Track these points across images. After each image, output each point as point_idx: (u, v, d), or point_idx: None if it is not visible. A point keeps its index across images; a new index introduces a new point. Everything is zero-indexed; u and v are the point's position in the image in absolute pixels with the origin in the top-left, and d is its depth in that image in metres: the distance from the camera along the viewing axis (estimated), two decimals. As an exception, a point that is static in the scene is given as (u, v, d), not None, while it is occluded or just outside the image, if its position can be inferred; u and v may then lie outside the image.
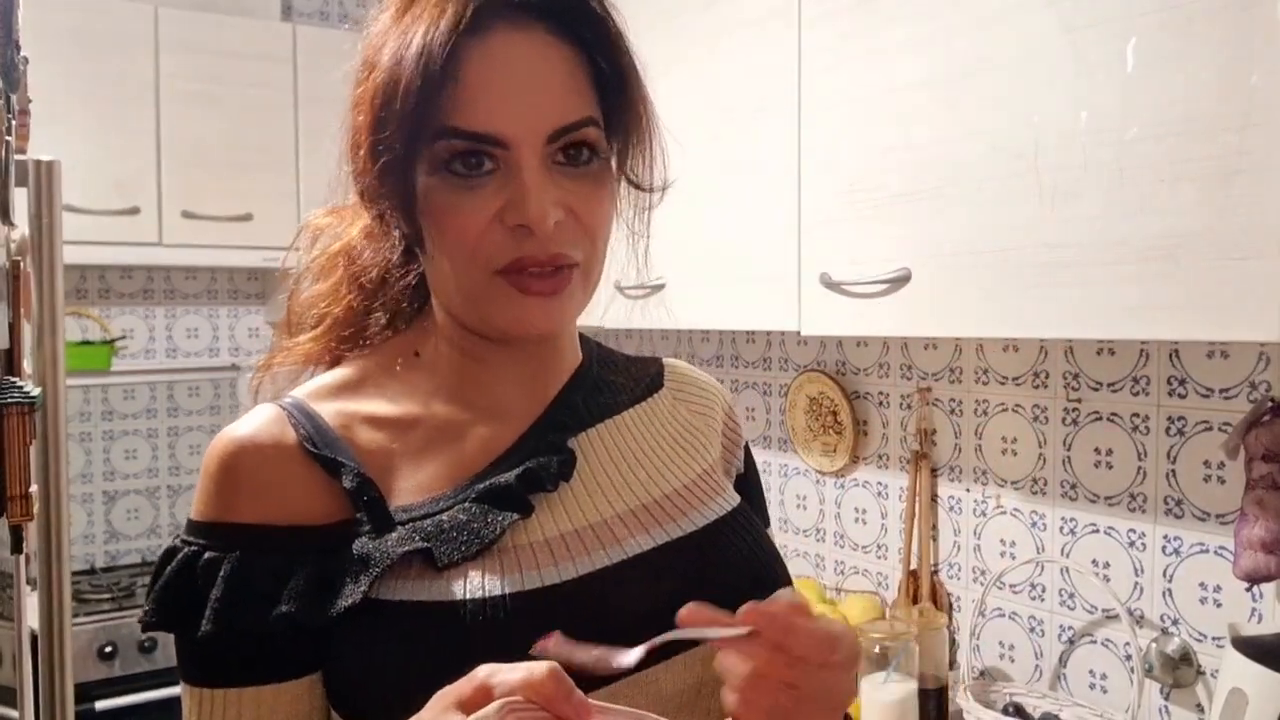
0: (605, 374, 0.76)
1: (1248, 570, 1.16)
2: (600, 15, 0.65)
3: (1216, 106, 0.90)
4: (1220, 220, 0.90)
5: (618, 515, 0.67)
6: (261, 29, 2.60)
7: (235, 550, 0.61)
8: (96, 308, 2.75)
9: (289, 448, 0.64)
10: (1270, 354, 1.21)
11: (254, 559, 0.61)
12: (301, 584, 0.60)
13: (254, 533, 0.62)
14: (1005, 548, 1.54)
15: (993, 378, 1.55)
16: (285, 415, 0.65)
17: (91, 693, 2.17)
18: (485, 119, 0.60)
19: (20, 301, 1.08)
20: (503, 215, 0.61)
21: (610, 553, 0.65)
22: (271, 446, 0.63)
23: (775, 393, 1.97)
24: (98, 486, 2.76)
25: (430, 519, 0.63)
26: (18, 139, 1.22)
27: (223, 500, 0.62)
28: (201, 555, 0.61)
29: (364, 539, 0.62)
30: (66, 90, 2.32)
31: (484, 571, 0.61)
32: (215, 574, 0.61)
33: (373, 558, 0.61)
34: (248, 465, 0.63)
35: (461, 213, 0.61)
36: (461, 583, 0.60)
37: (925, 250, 1.18)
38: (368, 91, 0.63)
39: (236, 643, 0.60)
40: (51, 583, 1.17)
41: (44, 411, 1.13)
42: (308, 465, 0.63)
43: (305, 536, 0.62)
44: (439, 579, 0.60)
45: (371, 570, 0.60)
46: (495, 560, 0.62)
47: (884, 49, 1.23)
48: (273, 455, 0.63)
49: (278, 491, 0.63)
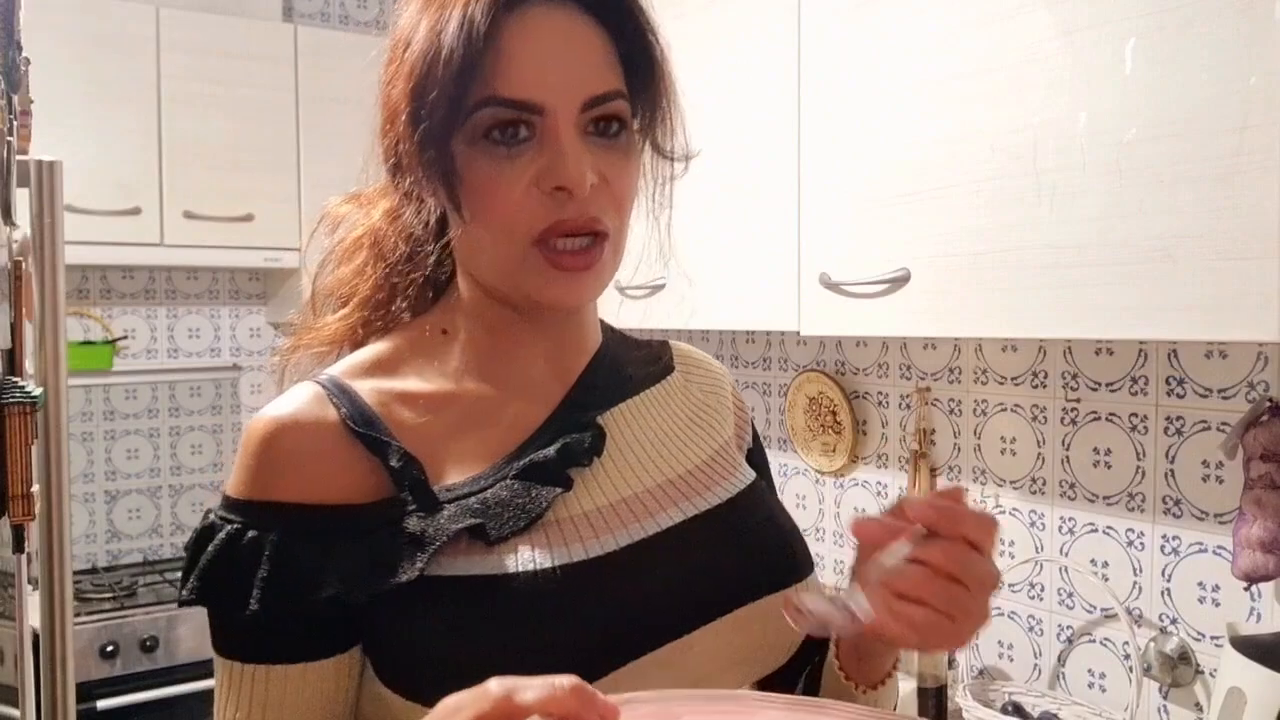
0: (622, 354, 0.78)
1: (1246, 570, 1.16)
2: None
3: (1215, 108, 0.90)
4: (1218, 221, 0.91)
5: (647, 490, 0.70)
6: (263, 30, 2.60)
7: (278, 529, 0.61)
8: (98, 308, 2.75)
9: (331, 426, 0.64)
10: (1268, 354, 1.22)
11: (298, 538, 0.61)
12: (349, 563, 0.61)
13: (297, 512, 0.62)
14: (1004, 547, 1.54)
15: (991, 378, 1.55)
16: (325, 394, 0.66)
17: (93, 692, 2.18)
18: (525, 87, 0.62)
19: (22, 301, 1.09)
20: (539, 180, 0.62)
21: (645, 526, 0.67)
22: (313, 425, 0.64)
23: (775, 392, 1.98)
24: (99, 486, 2.76)
25: (474, 496, 0.64)
26: (19, 139, 1.22)
27: (265, 479, 0.63)
28: (245, 533, 0.62)
29: (415, 517, 0.62)
30: (68, 91, 2.33)
31: (533, 545, 0.63)
32: (260, 553, 0.61)
33: (427, 535, 0.62)
34: (290, 444, 0.63)
35: (502, 180, 0.62)
36: (513, 557, 0.62)
37: (924, 250, 1.18)
38: (405, 65, 0.64)
39: (279, 621, 0.61)
40: (53, 582, 1.17)
41: (46, 411, 1.13)
42: (349, 444, 0.64)
43: (347, 515, 0.63)
44: (490, 554, 0.62)
45: (428, 547, 0.61)
46: (542, 534, 0.63)
47: (884, 50, 1.23)
48: (314, 434, 0.64)
49: (320, 470, 0.63)
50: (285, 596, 0.61)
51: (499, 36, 0.61)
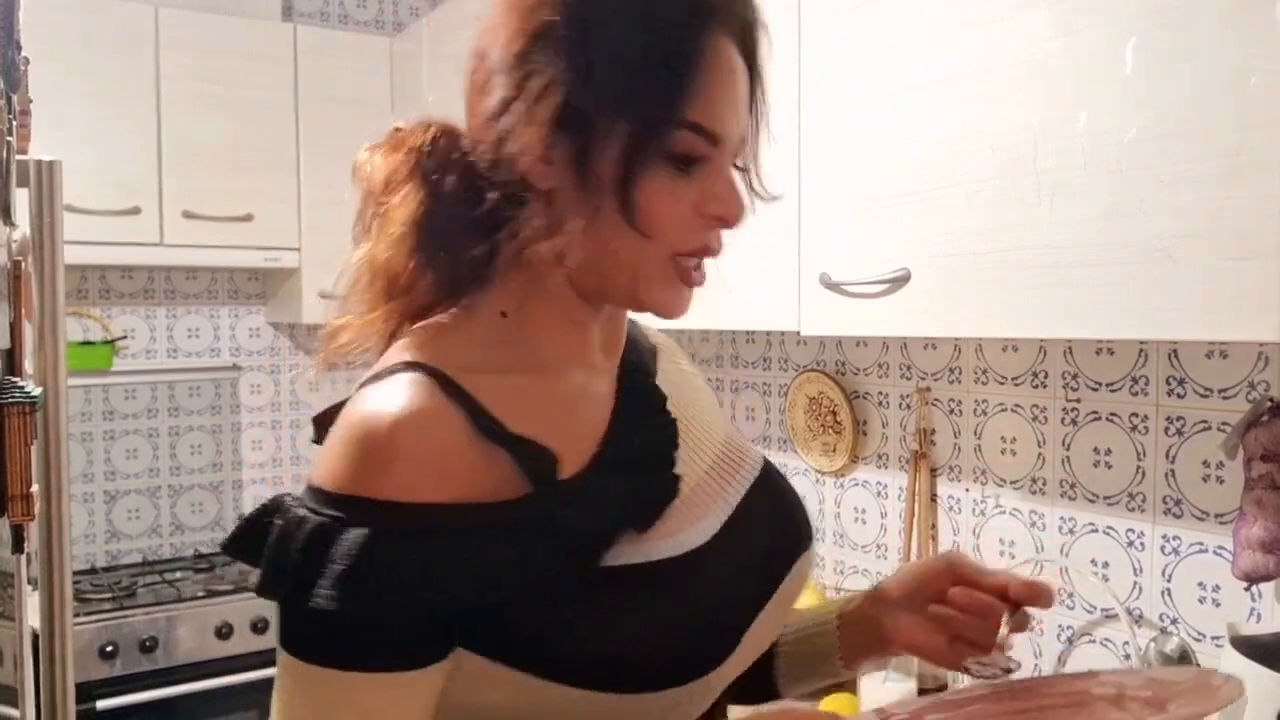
0: (634, 333, 0.82)
1: (1246, 570, 1.16)
2: (763, 49, 0.72)
3: (1215, 107, 0.90)
4: (1219, 221, 0.90)
5: (713, 464, 0.74)
6: (262, 29, 2.60)
7: (415, 528, 0.59)
8: (97, 308, 2.75)
9: (457, 422, 0.62)
10: (1269, 354, 1.22)
11: (436, 537, 0.59)
12: (498, 561, 0.60)
13: (429, 511, 0.59)
14: (1004, 547, 1.54)
15: (992, 378, 1.55)
16: (438, 387, 0.62)
17: (92, 692, 2.18)
18: (719, 119, 0.65)
19: (21, 301, 1.09)
20: (703, 206, 0.66)
21: (728, 500, 0.73)
22: (434, 420, 0.61)
23: (775, 393, 1.97)
24: (99, 486, 2.76)
25: (601, 486, 0.65)
26: (19, 139, 1.22)
27: (399, 476, 0.59)
28: (380, 535, 0.58)
29: (559, 512, 0.62)
30: (68, 91, 2.33)
31: (672, 529, 0.66)
32: (397, 553, 0.58)
33: (580, 530, 0.62)
34: (416, 441, 0.60)
35: (673, 198, 0.65)
36: (662, 542, 0.65)
37: (925, 250, 1.18)
38: (593, 65, 0.63)
39: (408, 624, 0.59)
40: (53, 582, 1.17)
41: (45, 411, 1.13)
42: (472, 440, 0.61)
43: (477, 514, 0.60)
44: (640, 542, 0.64)
45: (584, 541, 0.62)
46: (675, 518, 0.67)
47: (884, 50, 1.23)
48: (443, 429, 0.61)
49: (452, 467, 0.60)
50: (434, 596, 0.58)
51: (699, 63, 0.64)
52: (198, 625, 2.33)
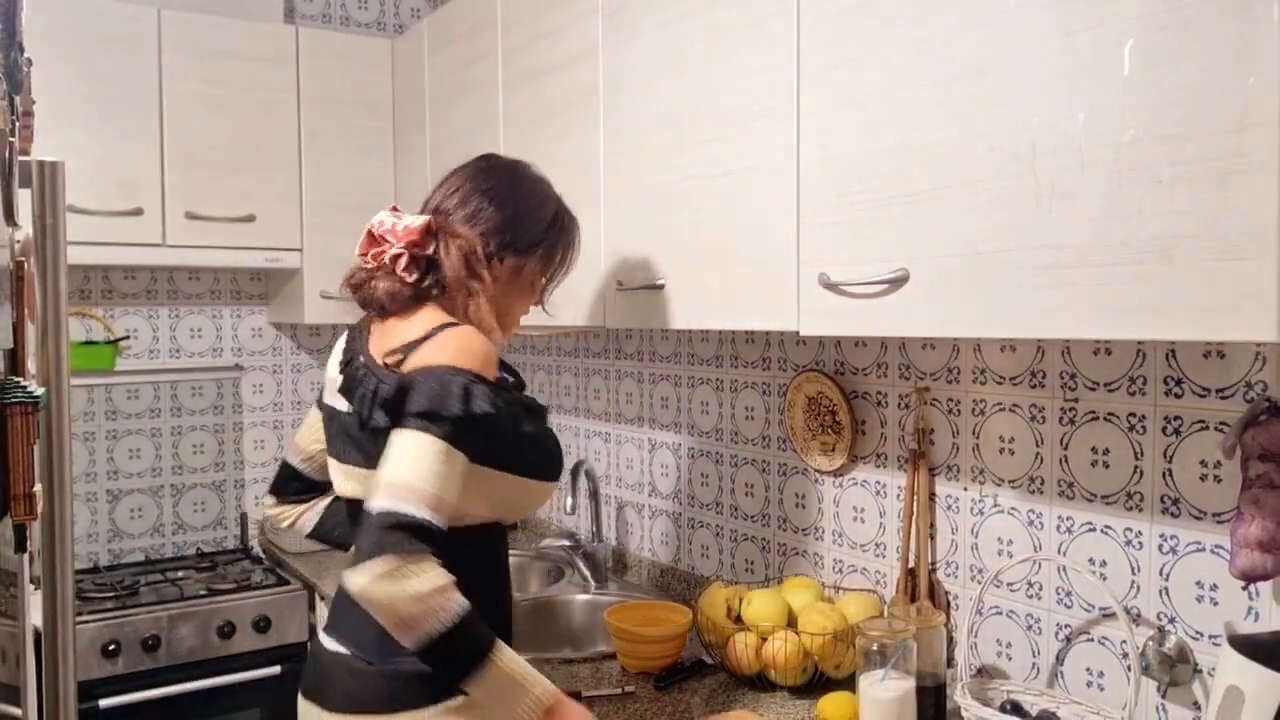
0: None
1: (1244, 569, 1.16)
2: None
3: (1214, 108, 0.91)
4: (1217, 221, 0.91)
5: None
6: (264, 31, 2.61)
7: (497, 388, 1.31)
8: (100, 308, 2.76)
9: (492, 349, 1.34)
10: (1267, 354, 1.22)
11: (501, 394, 1.31)
12: (513, 411, 1.36)
13: (494, 383, 1.31)
14: (1003, 546, 1.55)
15: (990, 377, 1.55)
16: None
17: (95, 690, 2.19)
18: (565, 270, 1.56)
19: (24, 302, 1.09)
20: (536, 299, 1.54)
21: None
22: (489, 345, 1.33)
23: (774, 392, 1.98)
24: (101, 486, 2.77)
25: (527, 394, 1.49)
26: (22, 140, 1.22)
27: (485, 367, 1.28)
28: (490, 386, 1.28)
29: (525, 398, 1.45)
30: (70, 92, 2.33)
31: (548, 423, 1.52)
32: (495, 395, 1.29)
33: (532, 407, 1.44)
34: (488, 352, 1.31)
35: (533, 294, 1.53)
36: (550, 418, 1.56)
37: (923, 251, 1.19)
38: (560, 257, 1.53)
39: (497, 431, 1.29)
40: (55, 581, 1.17)
41: (48, 411, 1.14)
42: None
43: (504, 388, 1.35)
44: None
45: (536, 409, 1.44)
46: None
47: (883, 50, 1.23)
48: (492, 351, 1.32)
49: (493, 367, 1.32)
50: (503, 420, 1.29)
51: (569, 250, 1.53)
52: (200, 624, 2.34)
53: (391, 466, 1.19)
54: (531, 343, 2.89)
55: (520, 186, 1.44)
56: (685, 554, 2.26)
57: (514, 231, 1.41)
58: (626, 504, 2.46)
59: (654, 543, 2.36)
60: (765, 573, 2.02)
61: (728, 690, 1.68)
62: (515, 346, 2.97)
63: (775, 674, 1.62)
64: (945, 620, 1.52)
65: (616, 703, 1.63)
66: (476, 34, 2.26)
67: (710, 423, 2.17)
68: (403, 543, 1.15)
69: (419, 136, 2.59)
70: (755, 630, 1.64)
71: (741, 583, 2.05)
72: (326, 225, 2.64)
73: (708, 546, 2.19)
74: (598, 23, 1.79)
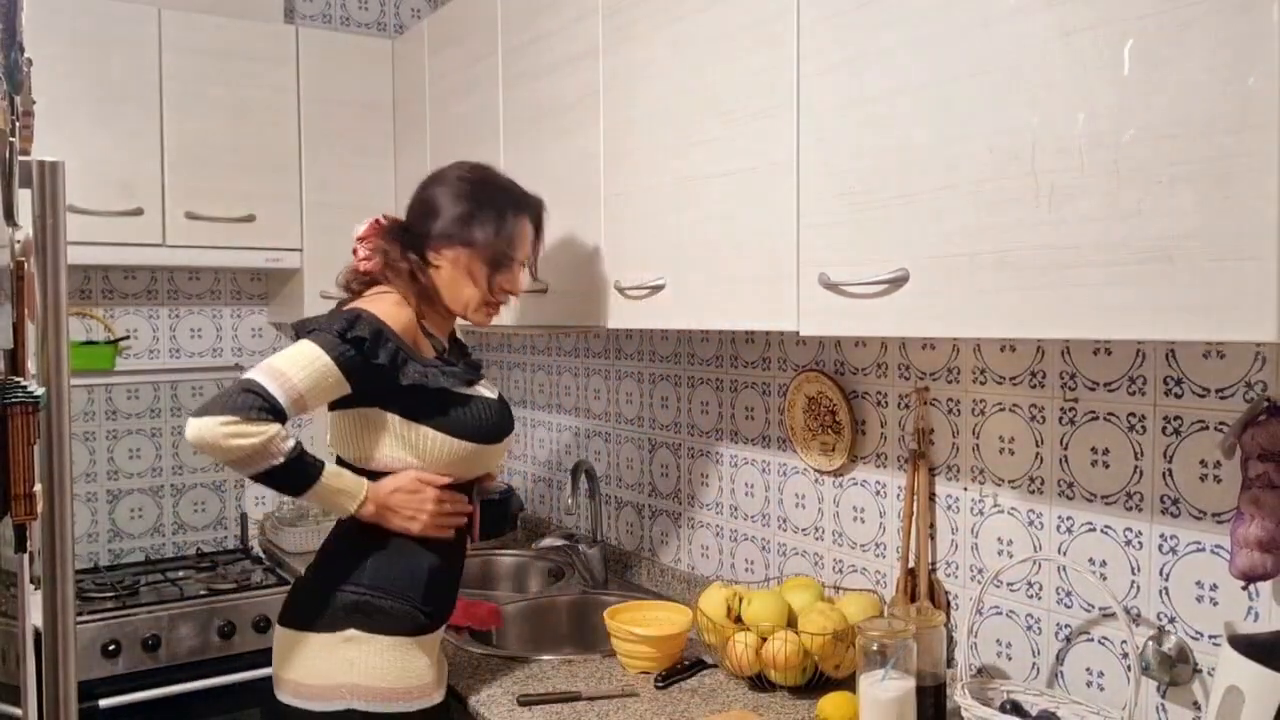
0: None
1: (1244, 569, 1.16)
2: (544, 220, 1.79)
3: (1213, 108, 0.91)
4: (1217, 221, 0.91)
5: (489, 381, 1.76)
6: (264, 31, 2.61)
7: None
8: (100, 308, 2.76)
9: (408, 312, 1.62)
10: (1266, 354, 1.22)
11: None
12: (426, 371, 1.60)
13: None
14: (1002, 546, 1.55)
15: (990, 377, 1.55)
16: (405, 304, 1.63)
17: (95, 690, 2.18)
18: (517, 252, 1.70)
19: (25, 302, 1.09)
20: (502, 284, 1.70)
21: (494, 392, 1.71)
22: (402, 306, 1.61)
23: (774, 392, 1.98)
24: (101, 485, 2.77)
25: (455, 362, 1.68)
26: (22, 140, 1.22)
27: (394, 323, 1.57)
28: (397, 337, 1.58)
29: (449, 368, 1.63)
30: (70, 92, 2.33)
31: (481, 389, 1.68)
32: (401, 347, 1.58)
33: (457, 375, 1.63)
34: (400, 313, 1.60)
35: (504, 279, 1.71)
36: (480, 387, 1.68)
37: (923, 251, 1.19)
38: (488, 247, 1.67)
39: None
40: (55, 581, 1.17)
41: (48, 411, 1.14)
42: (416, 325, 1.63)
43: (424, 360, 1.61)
44: (474, 386, 1.67)
45: (465, 377, 1.64)
46: (482, 385, 1.71)
47: (883, 51, 1.23)
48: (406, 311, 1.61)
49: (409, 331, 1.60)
50: None
51: (515, 229, 1.69)
52: (200, 624, 2.34)
53: (275, 355, 1.48)
54: (532, 343, 2.89)
55: (435, 187, 1.68)
56: (685, 554, 2.26)
57: (430, 227, 1.65)
58: (626, 504, 2.46)
59: (654, 543, 2.36)
60: (765, 573, 2.02)
61: (728, 690, 1.68)
62: (515, 346, 2.97)
63: (775, 674, 1.62)
64: (945, 620, 1.52)
65: (616, 703, 1.63)
66: (476, 34, 2.26)
67: (710, 423, 2.17)
68: (251, 408, 1.40)
69: (419, 136, 2.59)
70: (755, 630, 1.64)
71: (741, 583, 2.05)
72: (326, 225, 2.64)
73: (708, 546, 2.19)
74: (598, 23, 1.79)
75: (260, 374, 1.44)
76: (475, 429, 1.60)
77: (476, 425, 1.60)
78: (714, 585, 1.78)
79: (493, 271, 1.65)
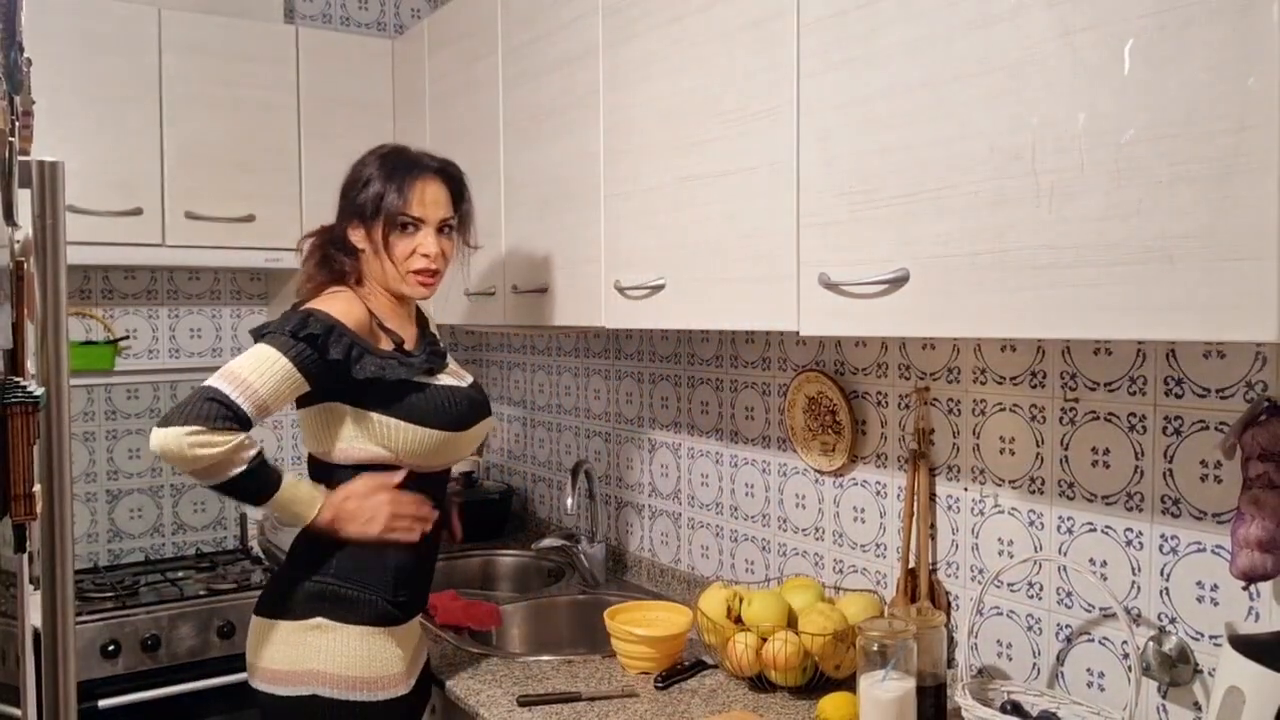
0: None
1: (1244, 569, 1.16)
2: (460, 180, 1.75)
3: (1214, 108, 0.91)
4: (1217, 222, 0.91)
5: (454, 369, 1.77)
6: (264, 31, 2.61)
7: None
8: (100, 308, 2.76)
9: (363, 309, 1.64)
10: (1267, 354, 1.22)
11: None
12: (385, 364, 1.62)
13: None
14: (1003, 546, 1.55)
15: (990, 377, 1.55)
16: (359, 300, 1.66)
17: (94, 691, 2.18)
18: (419, 211, 1.66)
19: (24, 302, 1.09)
20: (416, 249, 1.67)
21: (465, 380, 1.75)
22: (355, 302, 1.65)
23: (774, 392, 1.98)
24: (101, 485, 2.77)
25: (421, 354, 1.69)
26: (21, 140, 1.22)
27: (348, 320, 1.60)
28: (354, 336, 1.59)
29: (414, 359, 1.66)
30: (70, 92, 2.33)
31: (445, 379, 1.70)
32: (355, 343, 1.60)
33: (420, 366, 1.65)
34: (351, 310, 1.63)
35: (402, 245, 1.67)
36: (445, 377, 1.70)
37: (923, 251, 1.19)
38: (367, 195, 1.67)
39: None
40: (55, 581, 1.17)
41: (47, 411, 1.14)
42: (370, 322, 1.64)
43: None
44: (438, 377, 1.69)
45: (425, 368, 1.66)
46: (446, 375, 1.72)
47: (883, 50, 1.23)
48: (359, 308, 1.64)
49: (364, 327, 1.61)
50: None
51: (411, 189, 1.66)
52: (199, 624, 2.34)
53: (233, 360, 1.50)
54: (532, 343, 2.89)
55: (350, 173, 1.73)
56: (685, 554, 2.26)
57: (339, 211, 1.71)
58: (626, 504, 2.46)
59: (654, 543, 2.36)
60: (765, 573, 2.02)
61: (728, 690, 1.68)
62: (515, 346, 2.97)
63: (775, 674, 1.62)
64: (945, 620, 1.52)
65: (616, 703, 1.63)
66: (476, 34, 2.26)
67: (710, 423, 2.17)
68: (216, 416, 1.43)
69: (419, 137, 2.59)
70: (755, 631, 1.64)
71: (741, 583, 2.05)
72: (326, 225, 2.64)
73: (708, 546, 2.19)
74: (598, 23, 1.79)
75: (221, 381, 1.46)
76: (440, 417, 1.61)
77: (441, 413, 1.61)
78: (714, 585, 1.78)
79: (388, 234, 1.63)
